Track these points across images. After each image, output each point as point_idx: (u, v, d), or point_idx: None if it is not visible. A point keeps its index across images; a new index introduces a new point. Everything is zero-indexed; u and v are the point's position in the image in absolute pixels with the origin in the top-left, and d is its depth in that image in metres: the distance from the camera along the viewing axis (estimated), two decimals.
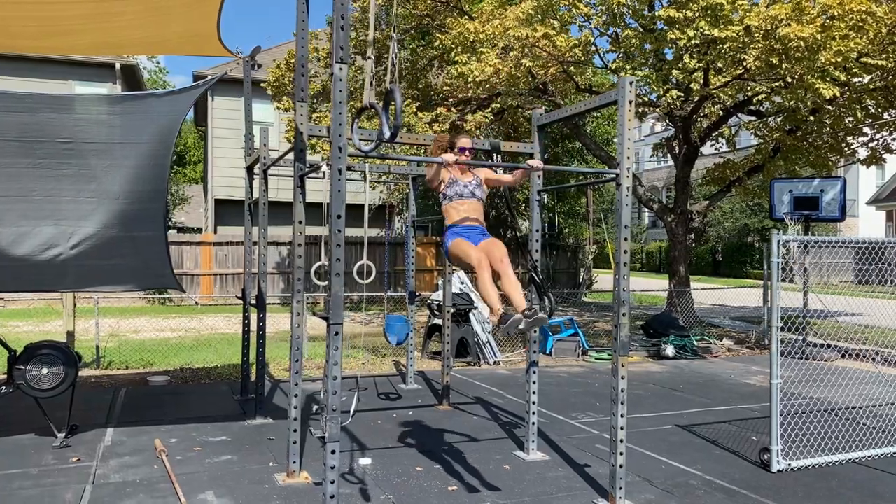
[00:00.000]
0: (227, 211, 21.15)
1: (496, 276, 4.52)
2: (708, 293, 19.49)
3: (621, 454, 4.56)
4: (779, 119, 14.02)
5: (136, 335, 12.36)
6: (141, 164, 6.82)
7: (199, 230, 27.18)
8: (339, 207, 3.88)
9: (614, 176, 4.62)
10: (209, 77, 18.69)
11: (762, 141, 14.81)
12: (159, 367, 9.34)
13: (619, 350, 4.57)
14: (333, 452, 3.88)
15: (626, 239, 4.58)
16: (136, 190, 6.93)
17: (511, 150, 5.70)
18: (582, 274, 21.90)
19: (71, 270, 7.21)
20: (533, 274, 5.51)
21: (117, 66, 18.54)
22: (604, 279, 26.82)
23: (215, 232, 20.24)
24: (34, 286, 7.57)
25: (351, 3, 15.36)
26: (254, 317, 7.07)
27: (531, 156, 5.61)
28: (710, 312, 17.63)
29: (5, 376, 5.78)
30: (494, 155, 5.45)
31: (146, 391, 7.89)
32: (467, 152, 4.88)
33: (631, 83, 4.54)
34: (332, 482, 3.88)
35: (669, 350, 10.84)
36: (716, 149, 16.30)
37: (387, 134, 3.71)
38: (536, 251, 5.52)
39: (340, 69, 3.88)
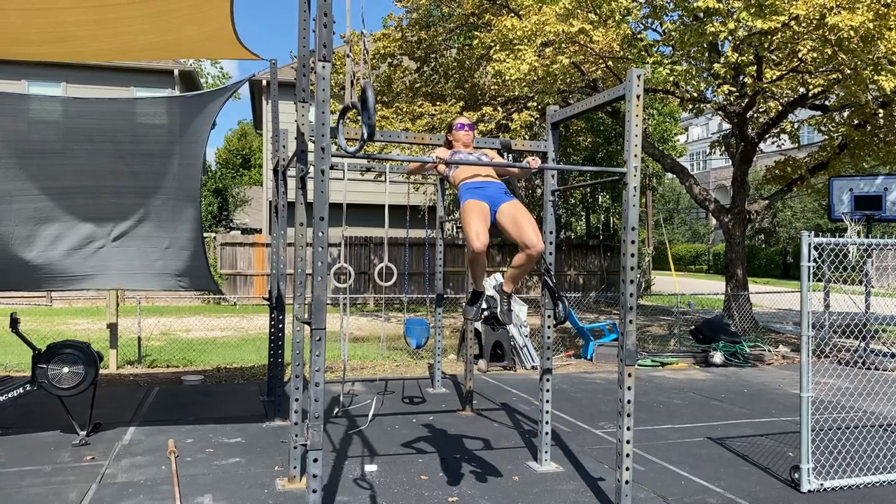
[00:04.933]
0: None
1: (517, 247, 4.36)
2: (771, 296, 18.63)
3: (627, 469, 4.30)
4: (845, 113, 13.24)
5: (186, 334, 12.68)
6: (174, 163, 6.97)
7: (260, 231, 27.77)
8: (323, 209, 3.78)
9: (620, 175, 4.37)
10: (262, 80, 18.83)
11: (827, 137, 14.03)
12: (197, 367, 9.51)
13: (625, 360, 4.32)
14: (316, 461, 3.78)
15: (633, 242, 4.32)
16: (170, 188, 7.10)
17: (523, 149, 5.49)
18: (637, 276, 21.30)
19: (112, 269, 7.43)
20: (546, 278, 5.29)
21: (176, 72, 19.10)
22: (662, 281, 26.06)
23: (270, 233, 20.59)
24: (76, 285, 7.84)
25: (398, 4, 15.37)
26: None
27: (545, 155, 5.41)
28: (774, 317, 16.85)
29: (30, 374, 5.92)
30: (506, 154, 5.25)
31: (178, 390, 8.01)
32: (466, 128, 4.63)
33: (639, 76, 4.28)
34: (315, 491, 3.79)
35: (717, 357, 10.35)
36: (777, 146, 15.53)
37: (365, 133, 3.59)
38: (550, 253, 5.29)
39: (323, 67, 3.78)
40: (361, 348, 11.09)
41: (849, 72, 9.01)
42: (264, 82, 19.85)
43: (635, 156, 4.29)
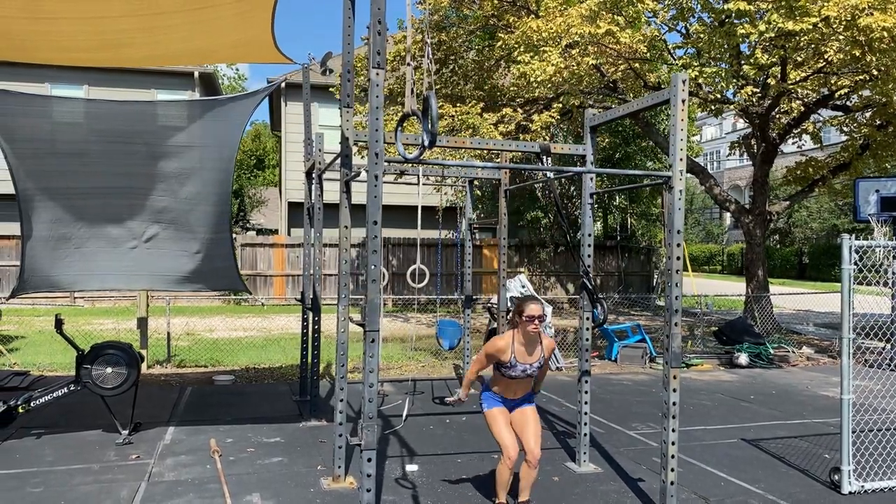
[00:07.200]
0: (300, 213, 21.62)
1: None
2: (790, 297, 18.57)
3: (672, 470, 4.35)
4: (867, 114, 13.21)
5: (210, 334, 12.79)
6: (206, 167, 7.06)
7: (276, 231, 27.95)
8: (376, 213, 3.85)
9: (665, 179, 4.41)
10: (282, 82, 18.87)
11: (849, 137, 14.00)
12: (226, 367, 9.61)
13: (670, 361, 4.36)
14: (370, 461, 3.85)
15: (678, 245, 4.36)
16: (202, 192, 7.18)
17: (562, 153, 5.55)
18: (655, 277, 21.28)
19: (144, 270, 7.53)
20: (585, 280, 5.36)
21: (196, 74, 19.26)
22: None
23: (289, 234, 20.72)
24: (109, 284, 7.96)
25: (418, 6, 15.43)
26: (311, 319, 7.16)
27: (583, 158, 5.46)
28: (794, 318, 16.81)
29: (74, 374, 6.02)
30: (545, 157, 5.30)
31: (211, 390, 8.10)
32: (537, 321, 4.22)
33: (684, 80, 4.32)
34: (368, 490, 3.85)
35: (742, 358, 10.36)
36: (798, 146, 15.50)
37: (426, 141, 3.65)
38: (588, 256, 5.35)
39: (377, 74, 3.85)
40: (385, 349, 11.16)
41: (876, 73, 9.01)
42: (283, 84, 19.97)
43: (681, 160, 4.34)
